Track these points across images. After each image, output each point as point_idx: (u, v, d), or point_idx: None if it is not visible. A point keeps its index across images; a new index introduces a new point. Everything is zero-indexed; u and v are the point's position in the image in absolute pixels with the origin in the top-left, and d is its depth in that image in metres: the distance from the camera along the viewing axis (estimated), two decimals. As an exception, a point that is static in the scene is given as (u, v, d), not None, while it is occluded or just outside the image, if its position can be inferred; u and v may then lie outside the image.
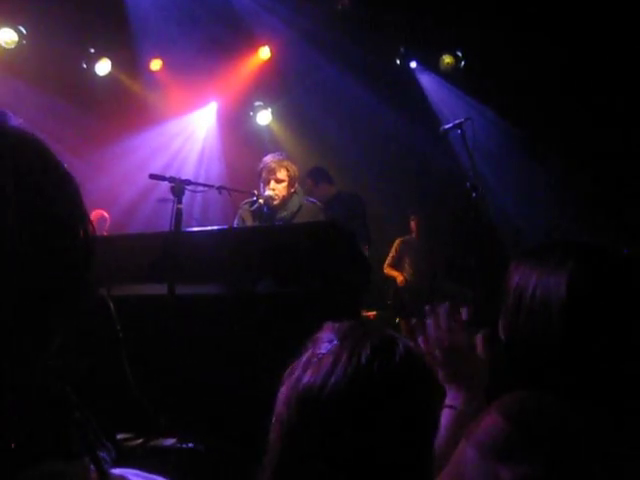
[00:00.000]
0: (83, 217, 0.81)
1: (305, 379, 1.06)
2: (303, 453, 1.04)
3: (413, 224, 7.49)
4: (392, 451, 1.03)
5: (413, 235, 7.52)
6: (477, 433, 1.27)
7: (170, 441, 3.49)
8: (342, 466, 1.02)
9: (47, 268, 0.75)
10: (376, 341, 1.06)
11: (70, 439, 0.73)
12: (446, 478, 1.28)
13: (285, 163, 4.67)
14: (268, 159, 4.69)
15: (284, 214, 4.57)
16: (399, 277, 7.29)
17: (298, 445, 1.04)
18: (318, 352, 1.08)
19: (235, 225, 4.66)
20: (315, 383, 1.04)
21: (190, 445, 3.43)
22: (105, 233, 7.19)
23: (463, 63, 8.09)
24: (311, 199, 4.81)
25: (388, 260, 7.42)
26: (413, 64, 8.45)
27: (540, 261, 1.37)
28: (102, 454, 0.76)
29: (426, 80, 8.52)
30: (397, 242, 7.47)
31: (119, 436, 3.59)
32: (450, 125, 5.16)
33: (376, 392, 1.03)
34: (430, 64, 8.34)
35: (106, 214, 7.51)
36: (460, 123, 5.04)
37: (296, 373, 1.09)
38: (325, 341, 1.10)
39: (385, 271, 7.42)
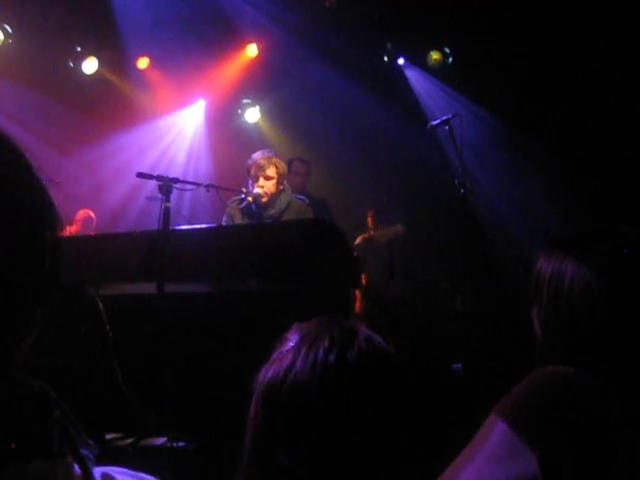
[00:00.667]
0: (52, 218, 0.80)
1: (268, 375, 1.08)
2: (270, 449, 1.05)
3: (370, 220, 7.14)
4: (354, 444, 1.03)
5: (371, 232, 7.11)
6: (508, 408, 1.30)
7: (161, 440, 3.48)
8: (306, 460, 1.03)
9: (13, 269, 0.74)
10: (335, 334, 1.07)
11: (51, 438, 0.72)
12: (469, 448, 1.32)
13: (274, 160, 4.67)
14: (257, 156, 4.68)
15: (272, 211, 4.56)
16: (357, 303, 6.96)
17: (265, 442, 1.05)
18: (282, 350, 1.10)
19: (224, 223, 4.65)
20: (277, 378, 1.05)
21: (181, 444, 3.42)
22: (92, 233, 7.15)
23: (451, 59, 8.10)
24: (300, 196, 4.81)
25: None
26: (401, 61, 8.44)
27: (573, 250, 1.40)
28: (85, 452, 0.75)
29: (414, 76, 8.51)
30: (358, 241, 7.16)
31: (110, 436, 3.58)
32: (438, 121, 5.17)
33: (333, 383, 1.03)
34: (418, 60, 8.34)
35: (92, 214, 7.46)
36: (448, 119, 5.05)
37: (262, 372, 1.10)
38: (290, 339, 1.11)
39: None
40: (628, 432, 1.24)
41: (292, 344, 1.09)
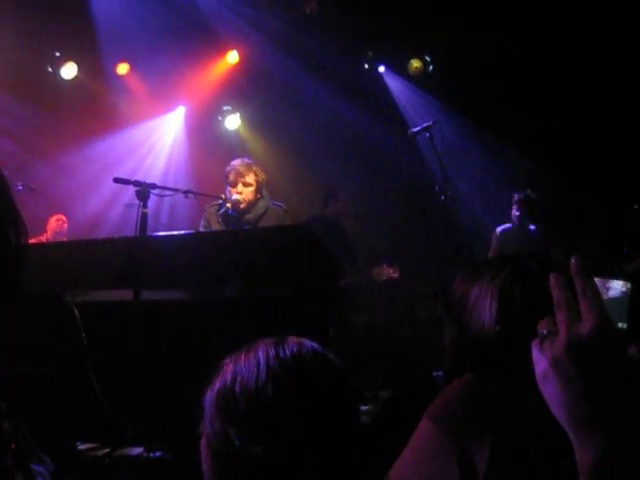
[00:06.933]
0: (15, 220, 0.77)
1: (215, 388, 1.12)
2: (236, 459, 1.06)
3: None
4: (309, 444, 1.05)
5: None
6: (434, 408, 1.39)
7: (137, 450, 3.43)
8: (276, 458, 1.04)
9: None
10: (268, 341, 1.14)
11: (2, 454, 0.69)
12: (404, 451, 1.38)
13: (254, 168, 4.65)
14: (237, 163, 4.66)
15: (250, 217, 4.53)
16: None
17: (229, 454, 1.05)
18: (219, 372, 1.15)
19: (201, 227, 4.62)
20: (226, 384, 1.10)
21: (158, 454, 3.38)
22: (65, 238, 7.07)
23: (432, 67, 8.14)
24: (277, 203, 4.78)
25: None
26: (381, 68, 8.49)
27: (480, 276, 1.50)
28: (37, 467, 0.71)
29: (394, 84, 8.55)
30: None
31: (86, 445, 3.53)
32: (418, 128, 5.16)
33: (279, 377, 1.08)
34: (398, 68, 8.38)
35: (64, 218, 7.36)
36: (428, 126, 5.04)
37: (207, 394, 1.14)
38: (225, 362, 1.17)
39: None
40: (531, 428, 1.29)
41: (227, 361, 1.15)
